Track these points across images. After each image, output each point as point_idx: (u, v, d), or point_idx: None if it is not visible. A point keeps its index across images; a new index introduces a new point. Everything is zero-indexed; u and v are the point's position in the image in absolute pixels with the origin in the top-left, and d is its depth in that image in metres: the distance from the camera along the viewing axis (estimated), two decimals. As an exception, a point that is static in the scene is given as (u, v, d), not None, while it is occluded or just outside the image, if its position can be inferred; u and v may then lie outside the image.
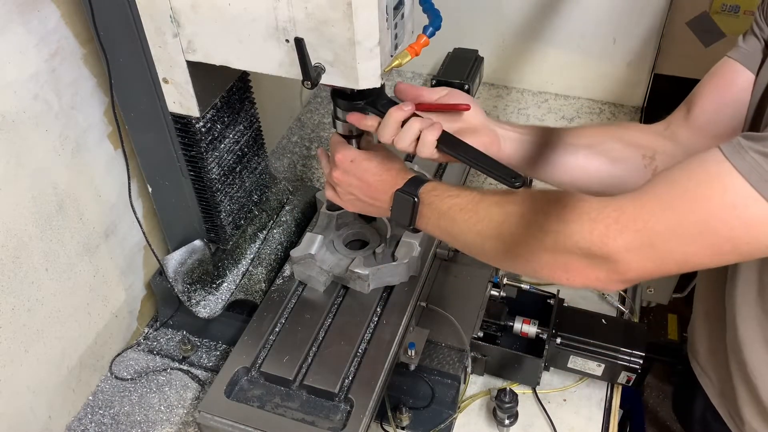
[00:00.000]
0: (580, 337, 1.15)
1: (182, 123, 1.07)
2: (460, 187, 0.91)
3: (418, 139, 0.93)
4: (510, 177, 0.88)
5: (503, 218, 0.82)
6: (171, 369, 1.26)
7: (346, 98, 0.95)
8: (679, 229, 0.69)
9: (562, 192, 0.79)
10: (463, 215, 0.87)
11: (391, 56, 0.90)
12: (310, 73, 0.87)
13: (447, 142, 0.92)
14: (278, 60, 0.90)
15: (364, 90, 0.91)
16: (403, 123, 0.93)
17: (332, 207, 1.28)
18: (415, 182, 0.94)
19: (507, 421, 1.13)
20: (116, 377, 1.25)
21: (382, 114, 0.93)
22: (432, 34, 0.90)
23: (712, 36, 1.76)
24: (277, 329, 1.16)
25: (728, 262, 0.72)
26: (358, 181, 0.98)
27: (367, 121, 0.96)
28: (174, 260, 1.25)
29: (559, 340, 1.15)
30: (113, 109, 1.06)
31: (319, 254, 1.21)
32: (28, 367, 1.08)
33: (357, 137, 1.03)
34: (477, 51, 1.88)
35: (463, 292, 1.24)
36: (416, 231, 0.95)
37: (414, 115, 0.93)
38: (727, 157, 0.67)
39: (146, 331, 1.34)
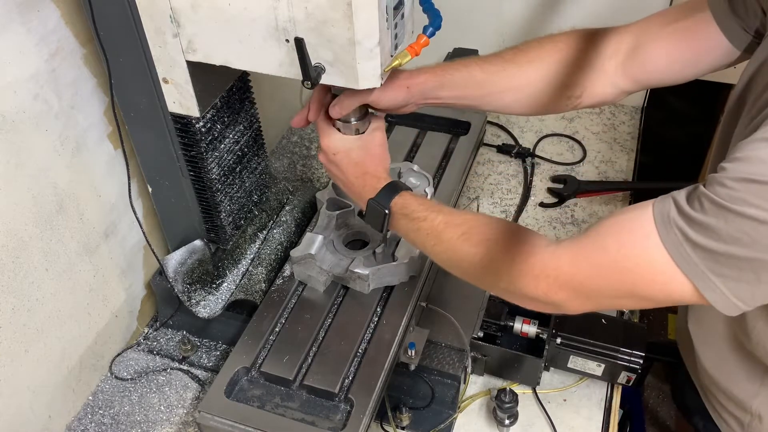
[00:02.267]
0: (580, 337, 1.15)
1: (182, 123, 1.07)
2: (428, 207, 0.94)
3: None
4: None
5: (462, 256, 0.88)
6: (171, 369, 1.26)
7: None
8: (610, 290, 0.77)
9: (514, 237, 0.84)
10: (430, 240, 0.92)
11: (391, 56, 0.90)
12: (310, 73, 0.87)
13: None
14: (278, 60, 0.90)
15: None
16: None
17: (332, 207, 1.28)
18: (389, 192, 0.96)
19: (507, 421, 1.13)
20: (116, 377, 1.25)
21: None
22: (432, 34, 0.90)
23: (712, 36, 1.76)
24: (277, 329, 1.16)
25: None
26: (341, 174, 1.02)
27: None
28: (174, 260, 1.25)
29: (559, 340, 1.15)
30: (113, 108, 1.06)
31: (319, 254, 1.21)
32: (28, 366, 1.08)
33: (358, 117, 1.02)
34: (477, 51, 1.87)
35: (463, 292, 1.24)
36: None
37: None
38: (656, 225, 0.70)
39: (146, 331, 1.34)
